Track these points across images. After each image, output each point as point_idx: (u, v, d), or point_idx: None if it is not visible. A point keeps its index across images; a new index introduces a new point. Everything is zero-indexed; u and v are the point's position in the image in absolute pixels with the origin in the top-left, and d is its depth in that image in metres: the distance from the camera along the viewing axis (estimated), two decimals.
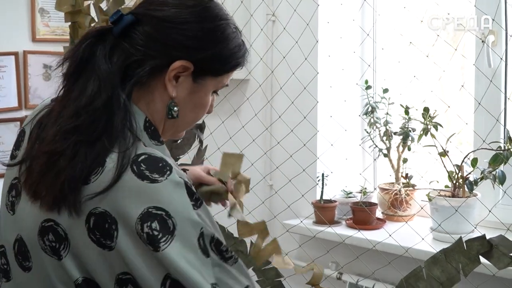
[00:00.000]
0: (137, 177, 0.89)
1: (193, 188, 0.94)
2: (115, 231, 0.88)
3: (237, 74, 2.56)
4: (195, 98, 1.05)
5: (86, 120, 0.93)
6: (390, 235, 1.98)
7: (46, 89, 2.84)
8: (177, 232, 0.88)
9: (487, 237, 1.42)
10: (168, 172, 0.91)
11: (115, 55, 0.99)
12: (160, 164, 0.91)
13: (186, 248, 0.89)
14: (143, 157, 0.92)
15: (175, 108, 1.02)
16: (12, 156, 1.07)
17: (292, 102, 2.22)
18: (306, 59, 2.23)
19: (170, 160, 0.96)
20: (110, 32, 1.01)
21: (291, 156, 2.19)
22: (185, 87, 1.03)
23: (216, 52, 1.04)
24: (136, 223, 0.87)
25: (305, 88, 2.17)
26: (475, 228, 1.97)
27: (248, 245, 1.74)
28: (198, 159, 2.13)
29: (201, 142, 2.12)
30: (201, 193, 1.37)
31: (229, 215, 1.31)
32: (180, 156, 2.13)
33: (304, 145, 2.19)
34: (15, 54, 2.75)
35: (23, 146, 1.04)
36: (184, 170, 1.36)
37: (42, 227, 0.93)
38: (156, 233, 0.87)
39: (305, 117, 2.17)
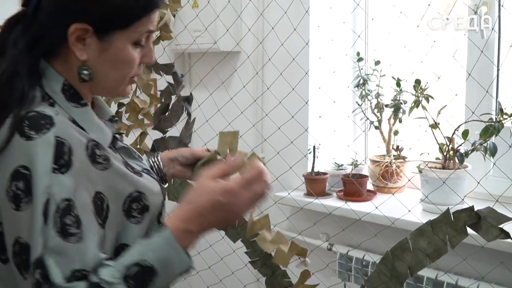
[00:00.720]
0: (18, 134, 0.95)
1: (68, 154, 0.95)
2: None
3: (226, 46, 2.57)
4: (109, 55, 1.07)
5: None
6: (376, 207, 1.98)
7: None
8: (34, 194, 0.92)
9: (477, 209, 1.40)
10: (45, 130, 0.95)
11: (27, 34, 1.06)
12: (43, 121, 0.96)
13: (37, 211, 0.92)
14: (31, 114, 0.97)
15: (84, 71, 1.06)
16: None
17: (281, 74, 2.19)
18: (295, 29, 2.20)
19: (60, 121, 0.98)
20: (26, 15, 1.08)
21: (279, 128, 2.17)
22: (94, 48, 1.05)
23: (106, 6, 1.04)
24: (7, 181, 0.94)
25: (293, 59, 2.14)
26: (463, 199, 1.96)
27: None
28: (187, 131, 2.11)
29: (189, 114, 2.10)
30: (197, 168, 1.36)
31: None
32: (168, 129, 2.11)
33: (292, 117, 2.16)
34: None
35: None
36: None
37: None
38: (19, 192, 0.93)
39: (293, 89, 2.15)
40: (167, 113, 2.09)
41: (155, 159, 1.37)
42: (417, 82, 2.11)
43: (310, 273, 1.60)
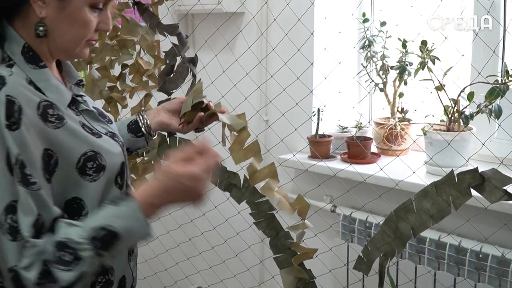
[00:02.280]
0: None
1: (19, 112, 1.01)
2: None
3: (230, 6, 2.54)
4: (66, 15, 1.11)
5: None
6: (381, 169, 1.98)
7: None
8: None
9: (481, 171, 1.40)
10: None
11: None
12: None
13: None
14: None
15: (40, 28, 1.10)
16: None
17: (286, 35, 2.17)
18: None
19: (13, 80, 1.04)
20: None
21: (284, 90, 2.16)
22: (53, 6, 1.10)
23: None
24: None
25: (299, 19, 2.12)
26: (468, 161, 1.96)
27: (242, 179, 1.74)
28: None
29: (194, 76, 2.09)
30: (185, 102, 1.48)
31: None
32: (173, 91, 2.10)
33: (298, 78, 2.15)
34: None
35: None
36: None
37: None
38: None
39: (298, 50, 2.13)
40: (172, 75, 2.07)
41: (140, 113, 1.48)
42: (423, 43, 2.09)
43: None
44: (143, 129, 1.48)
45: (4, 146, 1.00)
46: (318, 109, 2.37)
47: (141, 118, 1.48)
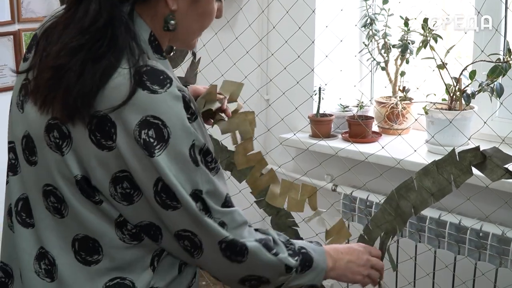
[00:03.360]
0: (140, 88, 0.94)
1: (191, 103, 0.99)
2: (114, 134, 0.95)
3: None
4: (198, 7, 1.07)
5: (91, 39, 0.96)
6: (383, 147, 1.98)
7: (39, 3, 2.77)
8: (171, 141, 0.95)
9: (482, 149, 1.40)
10: (168, 85, 0.96)
11: None
12: (161, 77, 0.96)
13: (177, 158, 0.96)
14: (145, 68, 0.96)
15: (171, 21, 1.04)
16: (24, 59, 1.11)
17: (287, 12, 2.16)
18: None
19: (171, 74, 1.00)
20: None
21: (284, 68, 2.15)
22: None
23: None
24: (134, 130, 0.94)
25: None
26: (469, 140, 1.96)
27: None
28: (192, 72, 2.09)
29: (194, 54, 2.07)
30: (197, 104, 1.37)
31: None
32: (174, 69, 2.09)
33: (298, 56, 2.14)
34: None
35: (34, 50, 1.08)
36: (186, 86, 1.40)
37: (48, 124, 1.00)
38: (152, 140, 0.94)
39: (299, 28, 2.11)
40: (172, 53, 2.06)
41: None
42: (425, 21, 2.07)
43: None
44: None
45: (188, 141, 0.97)
46: (320, 88, 2.36)
47: None
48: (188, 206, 0.98)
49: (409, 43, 2.24)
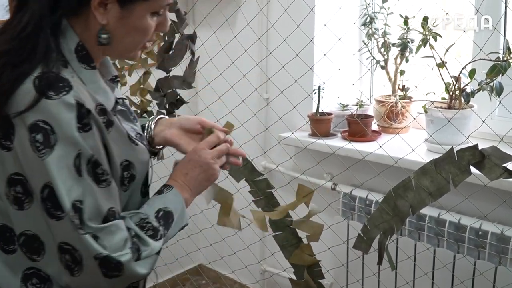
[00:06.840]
0: (38, 93, 1.00)
1: (90, 113, 1.03)
2: (12, 135, 1.01)
3: None
4: (127, 23, 1.10)
5: (15, 45, 1.04)
6: (380, 146, 1.97)
7: None
8: (56, 148, 0.99)
9: (481, 148, 1.40)
10: (64, 93, 1.00)
11: None
12: (61, 84, 1.01)
13: (61, 164, 1.00)
14: (47, 75, 1.02)
15: (103, 35, 1.09)
16: None
17: (285, 10, 2.15)
18: None
19: (78, 84, 1.04)
20: None
21: (283, 66, 2.14)
22: (114, 14, 1.08)
23: None
24: (28, 133, 0.99)
25: None
26: (468, 139, 1.95)
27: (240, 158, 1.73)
28: (190, 70, 2.09)
29: (193, 53, 2.07)
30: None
31: None
32: (172, 68, 2.09)
33: (297, 55, 2.13)
34: None
35: None
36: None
37: None
38: (38, 144, 0.99)
39: (298, 26, 2.11)
40: (170, 52, 2.06)
41: (153, 119, 1.36)
42: (425, 19, 2.07)
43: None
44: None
45: (73, 150, 1.00)
46: (319, 87, 2.36)
47: (148, 125, 1.35)
48: (69, 217, 1.00)
49: (408, 42, 2.24)
